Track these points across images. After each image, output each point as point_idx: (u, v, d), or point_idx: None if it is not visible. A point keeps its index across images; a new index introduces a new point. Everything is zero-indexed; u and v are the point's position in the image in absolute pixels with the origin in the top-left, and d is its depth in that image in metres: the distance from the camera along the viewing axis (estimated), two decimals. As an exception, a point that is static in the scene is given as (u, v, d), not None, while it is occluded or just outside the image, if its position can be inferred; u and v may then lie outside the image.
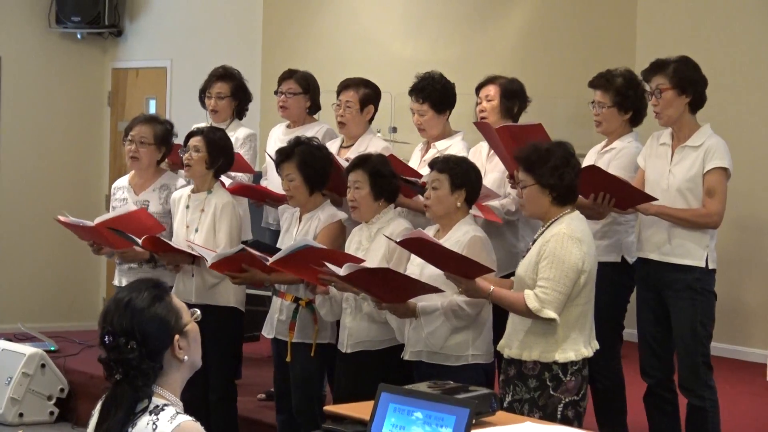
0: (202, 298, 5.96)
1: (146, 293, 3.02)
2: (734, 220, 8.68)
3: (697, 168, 5.44)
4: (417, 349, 5.32)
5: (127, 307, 3.00)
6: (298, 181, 5.76)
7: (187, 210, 6.13)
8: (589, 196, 5.31)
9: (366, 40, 9.42)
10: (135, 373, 2.96)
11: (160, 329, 3.00)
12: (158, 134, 6.34)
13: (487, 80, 6.17)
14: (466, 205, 5.33)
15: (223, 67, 7.03)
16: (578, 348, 4.78)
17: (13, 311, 9.99)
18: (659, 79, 5.47)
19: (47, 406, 7.68)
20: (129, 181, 6.50)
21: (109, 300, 3.08)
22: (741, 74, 9.16)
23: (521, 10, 9.94)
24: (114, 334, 2.98)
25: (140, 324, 2.98)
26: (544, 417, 4.70)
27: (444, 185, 5.26)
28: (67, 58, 10.59)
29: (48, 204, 10.36)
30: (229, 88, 6.93)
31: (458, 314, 5.19)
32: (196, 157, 6.05)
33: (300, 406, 5.81)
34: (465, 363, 5.22)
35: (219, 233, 6.02)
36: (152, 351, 2.98)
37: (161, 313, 3.02)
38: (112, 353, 2.98)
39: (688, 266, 5.45)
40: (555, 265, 4.69)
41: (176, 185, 6.37)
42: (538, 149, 4.84)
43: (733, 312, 8.89)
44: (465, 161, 5.42)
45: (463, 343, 5.23)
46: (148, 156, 6.35)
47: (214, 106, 6.91)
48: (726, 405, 5.82)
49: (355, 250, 5.55)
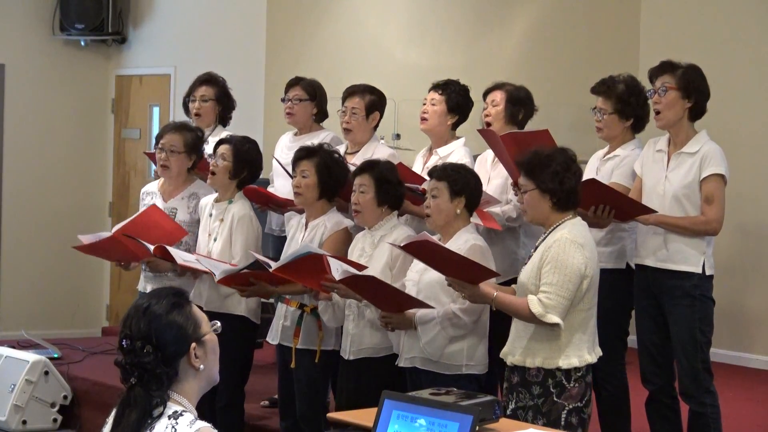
0: (213, 306, 5.95)
1: (166, 300, 3.08)
2: (737, 226, 8.70)
3: (694, 175, 5.44)
4: (411, 356, 5.32)
5: (146, 313, 3.05)
6: (311, 180, 5.75)
7: (210, 218, 6.15)
8: (589, 208, 5.31)
9: (369, 47, 9.43)
10: (149, 378, 3.01)
11: (177, 336, 3.05)
12: (188, 142, 6.33)
13: (495, 86, 6.18)
14: (467, 212, 5.33)
15: (207, 73, 7.05)
16: (582, 354, 4.78)
17: (16, 318, 9.99)
18: (666, 78, 5.48)
19: (50, 414, 7.67)
20: (159, 187, 6.50)
21: (130, 306, 3.13)
22: (745, 81, 9.17)
23: (524, 17, 9.95)
24: (131, 338, 3.03)
25: (157, 329, 3.03)
26: (548, 424, 4.70)
27: (443, 193, 5.26)
28: (70, 66, 10.61)
29: (52, 211, 10.40)
30: (214, 92, 6.94)
31: (454, 323, 5.19)
32: (222, 165, 6.06)
33: (304, 413, 5.81)
34: (458, 373, 5.22)
35: (235, 245, 6.03)
36: (168, 357, 3.03)
37: (179, 321, 3.07)
38: (129, 357, 3.03)
39: (686, 273, 5.45)
40: (558, 271, 4.70)
41: (206, 194, 6.36)
42: (539, 155, 4.85)
43: (735, 318, 8.89)
44: (464, 168, 5.42)
45: (458, 353, 5.23)
46: (178, 164, 6.34)
47: (198, 109, 6.91)
48: (728, 411, 5.82)
49: (358, 256, 5.56)
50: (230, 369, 6.03)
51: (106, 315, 10.85)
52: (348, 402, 5.38)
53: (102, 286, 10.83)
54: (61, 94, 10.60)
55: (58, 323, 10.36)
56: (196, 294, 6.08)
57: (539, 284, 4.74)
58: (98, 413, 6.96)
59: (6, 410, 7.53)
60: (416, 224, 5.91)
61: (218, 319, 4.94)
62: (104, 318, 10.84)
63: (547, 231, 4.86)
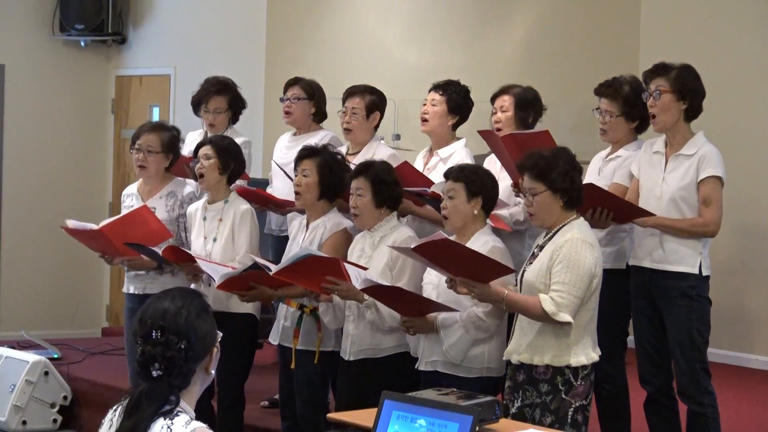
0: (220, 306, 5.94)
1: (197, 302, 3.16)
2: (737, 227, 8.70)
3: (691, 176, 5.43)
4: (432, 359, 5.28)
5: (181, 311, 3.10)
6: (312, 180, 5.75)
7: (204, 221, 6.14)
8: (588, 211, 5.30)
9: (369, 48, 9.43)
10: (177, 372, 3.06)
11: (205, 339, 3.13)
12: (165, 142, 6.34)
13: (502, 90, 6.15)
14: (483, 213, 5.29)
15: (216, 79, 6.98)
16: (588, 352, 4.81)
17: (16, 319, 10.00)
18: (660, 81, 5.47)
19: (50, 414, 7.67)
20: (138, 188, 6.50)
21: (153, 300, 3.16)
22: (744, 81, 9.16)
23: (524, 17, 9.96)
24: (165, 331, 3.07)
25: (192, 329, 3.09)
26: (555, 421, 4.73)
27: (460, 194, 5.22)
28: (70, 66, 10.61)
29: (51, 211, 10.38)
30: (226, 101, 6.91)
31: (479, 325, 5.15)
32: (208, 164, 6.06)
33: (304, 413, 5.81)
34: (479, 375, 5.19)
35: (238, 241, 6.02)
36: (194, 357, 3.09)
37: (209, 324, 3.15)
38: (159, 348, 3.06)
39: (682, 273, 5.44)
40: (570, 270, 4.71)
41: (183, 192, 6.37)
42: (544, 156, 4.84)
43: (735, 319, 8.89)
44: (480, 169, 5.39)
45: (480, 356, 5.20)
46: (156, 164, 6.35)
47: (213, 121, 6.91)
48: (728, 412, 5.82)
49: (357, 257, 5.55)
50: (236, 369, 6.05)
51: (106, 315, 10.85)
52: (348, 403, 5.37)
53: (102, 286, 10.83)
54: (61, 95, 10.60)
55: (58, 324, 10.36)
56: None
57: (549, 283, 4.74)
58: (98, 413, 6.93)
59: (6, 410, 7.53)
60: (416, 225, 5.91)
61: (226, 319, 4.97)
62: (104, 318, 10.84)
63: (551, 230, 4.86)
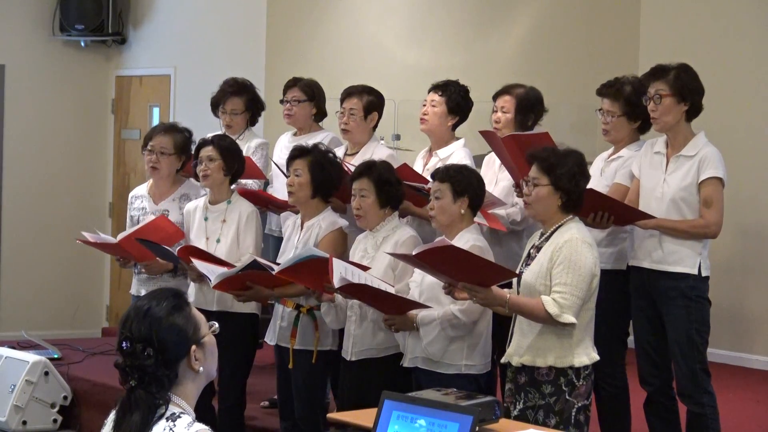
0: (223, 306, 5.95)
1: (166, 302, 3.04)
2: (737, 227, 8.69)
3: (692, 177, 5.43)
4: (414, 356, 5.34)
5: (147, 315, 3.01)
6: (304, 179, 5.76)
7: (206, 222, 6.13)
8: (588, 215, 5.30)
9: (369, 48, 9.43)
10: (149, 380, 2.98)
11: (178, 339, 3.02)
12: (178, 143, 6.33)
13: (505, 89, 6.15)
14: (470, 212, 5.33)
15: (234, 81, 7.00)
16: (589, 352, 4.82)
17: (16, 319, 10.00)
18: (659, 84, 5.46)
19: (51, 414, 7.67)
20: (148, 190, 6.49)
21: (129, 307, 3.10)
22: (744, 81, 9.16)
23: (524, 17, 9.95)
24: (132, 340, 3.00)
25: (158, 332, 3.00)
26: (560, 422, 4.73)
27: (446, 194, 5.27)
28: (70, 66, 10.61)
29: (52, 211, 10.40)
30: (243, 103, 6.93)
31: (453, 323, 5.21)
32: (213, 165, 6.05)
33: (302, 413, 5.81)
34: (457, 372, 5.23)
35: (245, 241, 6.02)
36: (168, 360, 3.00)
37: (180, 323, 3.04)
38: (129, 359, 3.00)
39: (682, 274, 5.44)
40: (572, 271, 4.71)
41: (198, 194, 6.35)
42: (557, 152, 4.86)
43: (735, 319, 8.89)
44: (466, 168, 5.42)
45: (457, 352, 5.24)
46: (168, 166, 6.34)
47: (229, 122, 6.91)
48: (728, 412, 5.81)
49: (360, 257, 5.56)
50: (238, 369, 6.05)
51: (106, 315, 10.85)
52: (350, 402, 5.38)
53: (102, 286, 10.83)
54: (61, 95, 10.60)
55: (58, 324, 10.36)
56: (200, 297, 6.04)
57: (550, 284, 4.74)
58: (98, 414, 6.96)
59: (6, 411, 7.53)
60: (417, 225, 5.91)
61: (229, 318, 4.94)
62: (104, 318, 10.84)
63: (548, 230, 4.86)
